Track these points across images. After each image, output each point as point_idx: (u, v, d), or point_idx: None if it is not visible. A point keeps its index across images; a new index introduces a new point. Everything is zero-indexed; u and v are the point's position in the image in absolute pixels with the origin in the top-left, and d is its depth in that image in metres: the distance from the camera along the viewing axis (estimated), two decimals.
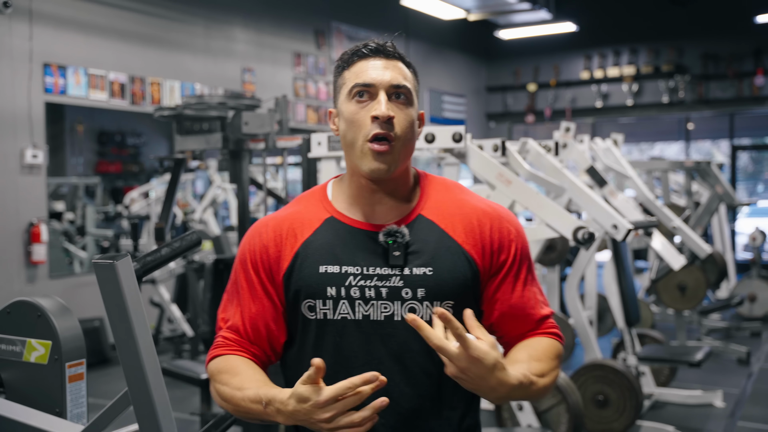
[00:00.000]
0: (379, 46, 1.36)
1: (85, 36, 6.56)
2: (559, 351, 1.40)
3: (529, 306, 1.39)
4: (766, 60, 10.72)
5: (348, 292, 1.33)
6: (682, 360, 4.31)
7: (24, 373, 1.88)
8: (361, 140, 1.31)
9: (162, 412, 1.67)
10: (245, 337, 1.41)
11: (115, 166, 10.35)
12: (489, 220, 1.38)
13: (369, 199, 1.38)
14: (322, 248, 1.36)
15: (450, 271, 1.33)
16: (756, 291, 7.34)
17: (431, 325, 1.24)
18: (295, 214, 1.42)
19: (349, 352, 1.34)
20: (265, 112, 3.60)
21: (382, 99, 1.31)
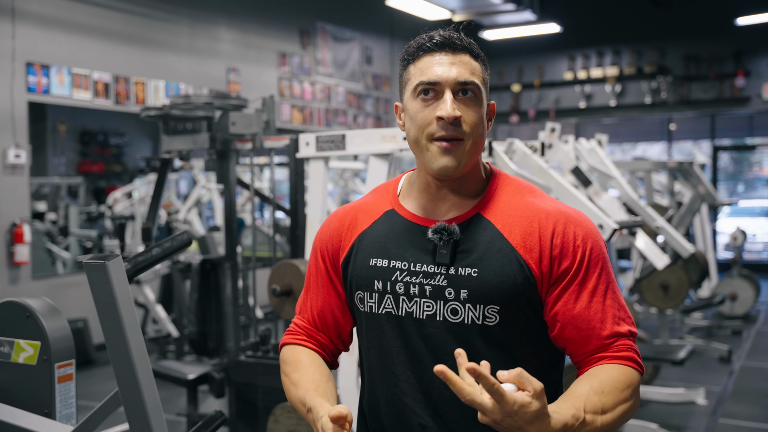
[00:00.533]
0: (445, 39, 1.29)
1: (69, 35, 6.52)
2: (631, 380, 1.23)
3: (596, 320, 1.25)
4: (746, 62, 10.84)
5: (393, 287, 1.31)
6: (666, 358, 4.36)
7: (12, 374, 1.87)
8: (425, 140, 1.27)
9: (153, 412, 1.68)
10: (313, 325, 1.43)
11: (98, 166, 10.27)
12: (552, 224, 1.27)
13: (434, 195, 1.33)
14: (376, 241, 1.35)
15: (497, 273, 1.25)
16: (737, 290, 7.42)
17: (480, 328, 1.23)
18: (363, 204, 1.42)
19: (391, 347, 1.32)
20: (252, 113, 3.60)
21: (448, 98, 1.25)
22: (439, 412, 1.29)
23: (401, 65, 1.35)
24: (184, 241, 1.80)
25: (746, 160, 16.84)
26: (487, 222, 1.30)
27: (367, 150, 2.80)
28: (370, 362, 1.38)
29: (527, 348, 1.31)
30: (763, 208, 12.21)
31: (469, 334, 1.27)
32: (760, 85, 10.72)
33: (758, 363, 5.93)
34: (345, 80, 10.07)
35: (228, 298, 3.75)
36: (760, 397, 5.00)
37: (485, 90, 1.31)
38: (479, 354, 1.25)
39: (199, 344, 3.74)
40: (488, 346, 1.26)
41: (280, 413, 2.94)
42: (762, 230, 11.75)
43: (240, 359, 3.42)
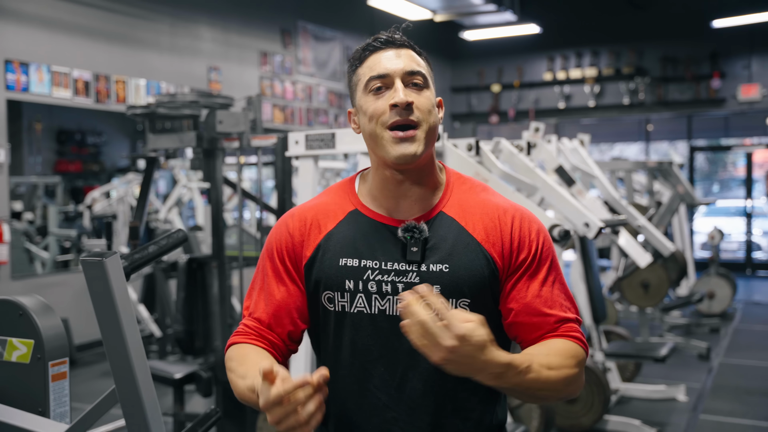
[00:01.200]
0: (388, 37, 1.36)
1: (49, 32, 6.44)
2: (576, 352, 1.30)
3: (546, 306, 1.33)
4: (722, 63, 11.00)
5: (365, 286, 1.33)
6: (648, 355, 4.42)
7: (5, 372, 1.85)
8: (380, 129, 1.31)
9: (150, 408, 1.68)
10: (266, 325, 1.40)
11: (75, 166, 10.17)
12: (510, 219, 1.35)
13: (394, 192, 1.36)
14: (344, 241, 1.37)
15: (466, 268, 1.31)
16: (714, 288, 7.53)
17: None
18: (321, 205, 1.42)
19: (364, 345, 1.34)
20: (239, 111, 3.59)
21: (399, 86, 1.30)
22: (413, 405, 1.32)
23: (350, 71, 1.40)
24: (179, 239, 1.80)
25: (721, 160, 17.08)
26: (451, 219, 1.35)
27: (357, 148, 2.81)
28: (338, 361, 1.38)
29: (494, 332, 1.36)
30: (738, 208, 12.39)
31: None
32: (735, 86, 10.89)
33: (736, 360, 6.02)
34: (326, 80, 10.07)
35: (215, 297, 3.74)
36: (739, 393, 5.08)
37: (432, 83, 1.37)
38: None
39: (185, 343, 3.73)
40: None
41: None
42: (737, 230, 11.92)
43: None
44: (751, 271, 11.56)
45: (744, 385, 5.29)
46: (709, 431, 4.36)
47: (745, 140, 12.71)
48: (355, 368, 1.35)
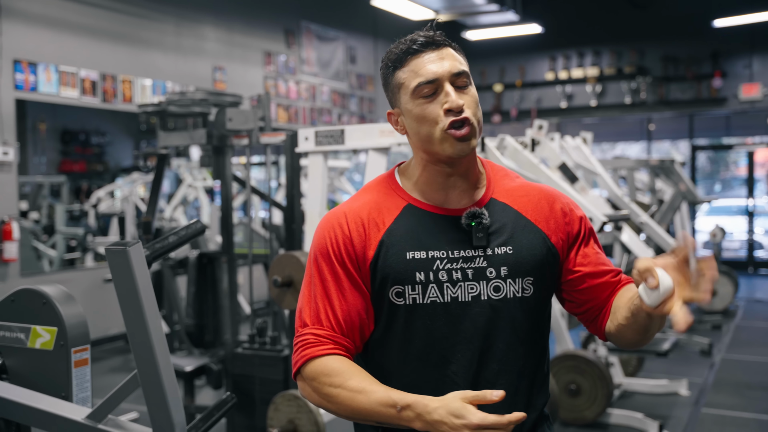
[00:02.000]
0: (428, 38, 1.38)
1: (56, 33, 6.52)
2: None
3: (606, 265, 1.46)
4: (723, 63, 11.05)
5: (436, 275, 1.36)
6: (651, 350, 4.47)
7: (28, 359, 1.91)
8: (439, 132, 1.34)
9: (170, 392, 1.74)
10: (339, 331, 1.38)
11: (79, 165, 10.23)
12: (552, 199, 1.46)
13: (443, 185, 1.41)
14: (407, 235, 1.38)
15: (528, 248, 1.39)
16: (716, 285, 7.58)
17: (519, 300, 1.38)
18: (371, 203, 1.43)
19: (440, 333, 1.37)
20: (248, 109, 3.65)
21: (450, 90, 1.34)
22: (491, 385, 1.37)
23: (387, 72, 1.41)
24: (198, 230, 1.86)
25: (723, 159, 17.13)
26: (504, 204, 1.43)
27: (366, 144, 2.87)
28: (409, 353, 1.39)
29: (546, 316, 1.48)
30: (740, 207, 12.44)
31: (512, 307, 1.38)
32: (736, 85, 10.94)
33: (738, 356, 6.07)
34: (329, 79, 10.13)
35: (224, 291, 3.80)
36: (740, 388, 5.14)
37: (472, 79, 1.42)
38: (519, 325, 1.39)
39: (196, 337, 3.79)
40: (526, 318, 1.40)
41: (280, 402, 3.00)
42: (739, 229, 11.97)
43: (237, 351, 3.47)
44: (753, 270, 11.62)
45: (745, 379, 5.35)
46: (710, 424, 4.42)
47: (747, 139, 12.76)
48: (432, 357, 1.38)
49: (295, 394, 3.00)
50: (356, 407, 1.31)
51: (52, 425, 1.78)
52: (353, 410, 1.32)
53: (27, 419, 1.82)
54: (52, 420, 1.78)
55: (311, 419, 2.91)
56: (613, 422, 4.35)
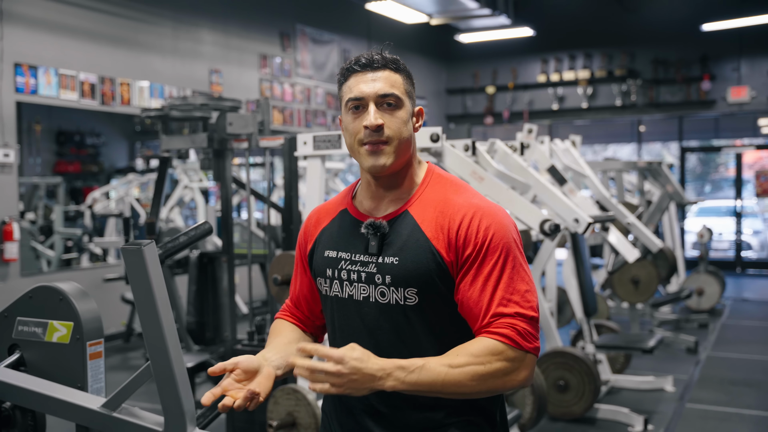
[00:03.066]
0: (367, 60, 1.53)
1: (56, 36, 6.62)
2: (492, 349, 1.38)
3: (484, 301, 1.42)
4: (712, 66, 11.23)
5: (339, 274, 1.57)
6: (637, 347, 4.61)
7: (46, 352, 2.03)
8: (357, 145, 1.51)
9: (181, 382, 1.86)
10: (295, 304, 1.74)
11: (74, 166, 10.31)
12: (461, 216, 1.47)
13: (374, 194, 1.58)
14: (330, 236, 1.62)
15: (413, 261, 1.47)
16: (703, 285, 7.74)
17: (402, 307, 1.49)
18: (327, 204, 1.70)
19: (340, 324, 1.59)
20: (248, 114, 3.77)
21: (372, 110, 1.49)
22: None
23: (338, 85, 1.59)
24: (206, 230, 1.98)
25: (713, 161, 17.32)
26: (411, 217, 1.53)
27: None
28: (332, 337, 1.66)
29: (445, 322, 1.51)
30: (729, 208, 12.62)
31: (395, 312, 1.51)
32: (724, 88, 11.11)
33: (723, 353, 6.23)
34: (324, 82, 10.25)
35: (224, 290, 3.92)
36: (723, 384, 5.29)
37: (408, 98, 1.54)
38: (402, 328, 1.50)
39: (196, 334, 3.91)
40: (409, 322, 1.50)
41: (279, 395, 3.12)
42: (728, 229, 12.15)
43: (236, 348, 3.59)
44: (741, 270, 11.80)
45: (729, 376, 5.50)
46: (694, 419, 4.57)
47: (736, 141, 12.94)
48: (338, 343, 1.58)
49: (294, 387, 3.12)
50: None
51: (69, 413, 1.90)
52: None
53: (45, 408, 1.94)
54: (70, 408, 1.90)
55: (309, 411, 3.04)
56: (600, 417, 4.49)
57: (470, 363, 1.37)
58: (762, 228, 12.98)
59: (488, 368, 1.37)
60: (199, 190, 7.97)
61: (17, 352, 2.03)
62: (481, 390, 1.39)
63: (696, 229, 8.39)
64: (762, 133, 12.48)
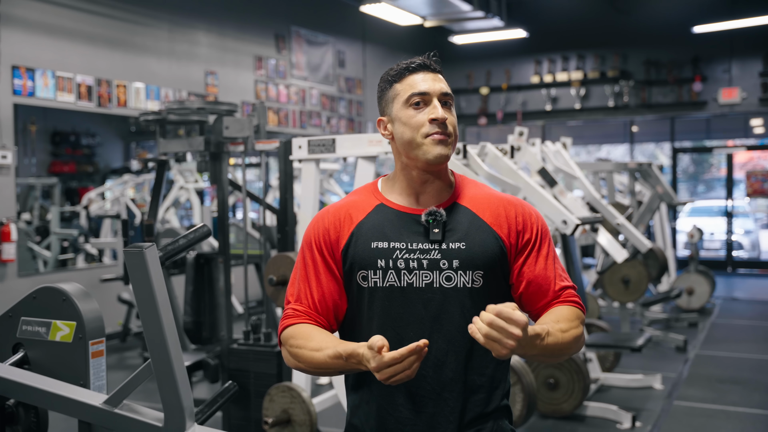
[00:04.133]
0: (425, 62, 1.64)
1: (53, 39, 6.68)
2: (578, 315, 1.60)
3: (550, 278, 1.62)
4: (703, 67, 11.34)
5: (395, 263, 1.59)
6: (625, 345, 4.70)
7: (49, 351, 2.11)
8: (420, 137, 1.58)
9: (181, 379, 1.94)
10: (314, 310, 1.65)
11: (69, 167, 10.34)
12: (513, 207, 1.64)
13: (417, 189, 1.64)
14: (374, 228, 1.63)
15: (480, 245, 1.59)
16: (693, 285, 7.84)
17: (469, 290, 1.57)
18: (351, 202, 1.70)
19: (396, 314, 1.60)
20: (244, 117, 3.85)
21: (438, 104, 1.59)
22: (438, 363, 1.60)
23: (385, 85, 1.67)
24: (204, 233, 2.05)
25: (706, 161, 17.44)
26: (464, 208, 1.64)
27: (356, 153, 3.08)
28: (371, 330, 1.64)
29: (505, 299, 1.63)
30: (721, 208, 12.74)
31: (461, 295, 1.59)
32: (716, 89, 11.22)
33: (711, 352, 6.33)
34: (319, 83, 10.33)
35: (221, 290, 3.99)
36: (711, 382, 5.38)
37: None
38: (468, 311, 1.57)
39: (193, 333, 3.98)
40: (474, 305, 1.57)
41: (275, 393, 3.20)
42: (719, 229, 12.26)
43: (233, 347, 3.67)
44: (732, 269, 11.91)
45: (717, 374, 5.60)
46: (681, 416, 4.66)
47: (727, 142, 13.06)
48: (389, 334, 1.59)
49: (288, 385, 3.20)
50: (315, 363, 1.57)
51: (72, 410, 1.97)
52: (314, 365, 1.58)
53: (49, 404, 2.01)
54: (72, 405, 1.97)
55: (304, 408, 3.12)
56: (589, 414, 4.58)
57: (571, 327, 1.55)
58: (753, 228, 13.09)
59: (580, 330, 1.57)
60: (195, 190, 8.03)
61: (21, 351, 2.10)
62: (575, 351, 1.58)
63: (687, 229, 8.49)
64: (753, 134, 12.61)
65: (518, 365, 4.08)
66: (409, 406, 1.61)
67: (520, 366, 4.08)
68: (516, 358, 4.15)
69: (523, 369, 4.08)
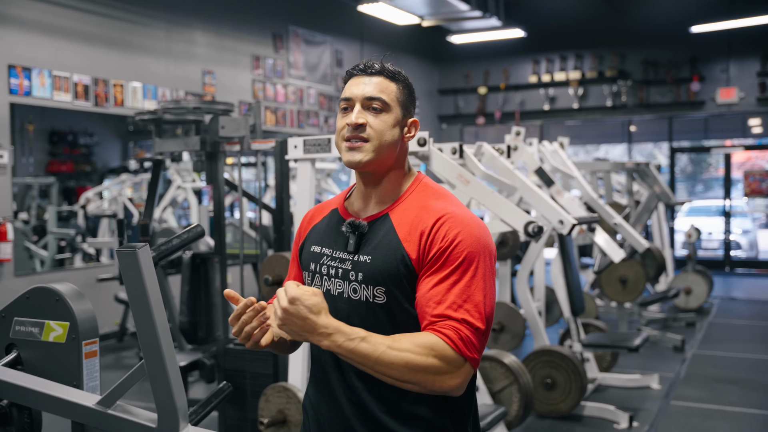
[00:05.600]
0: (365, 65, 1.63)
1: (50, 38, 6.67)
2: (433, 344, 1.41)
3: (433, 301, 1.46)
4: (701, 67, 11.34)
5: (320, 268, 1.65)
6: (623, 345, 4.70)
7: (42, 351, 2.09)
8: (339, 140, 1.61)
9: (174, 380, 1.93)
10: None
11: (67, 166, 10.32)
12: (433, 221, 1.52)
13: (363, 195, 1.66)
14: (318, 232, 1.71)
15: (383, 261, 1.53)
16: (691, 284, 7.84)
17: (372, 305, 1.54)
18: (323, 204, 1.80)
19: None
20: (240, 117, 3.84)
21: (356, 109, 1.58)
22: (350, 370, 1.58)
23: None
24: (198, 233, 2.05)
25: (704, 161, 17.46)
26: (390, 220, 1.60)
27: None
28: None
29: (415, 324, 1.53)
30: (719, 208, 12.74)
31: (365, 309, 1.56)
32: (714, 89, 11.22)
33: (709, 351, 6.32)
34: (316, 82, 10.31)
35: (217, 290, 3.98)
36: (709, 382, 5.38)
37: (399, 106, 1.61)
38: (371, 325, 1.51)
39: (189, 333, 3.98)
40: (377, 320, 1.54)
41: (270, 393, 3.19)
42: (717, 229, 12.26)
43: (229, 347, 3.66)
44: (729, 269, 11.91)
45: (714, 374, 5.60)
46: (678, 415, 4.65)
47: (725, 141, 13.06)
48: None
49: (284, 386, 3.19)
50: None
51: (65, 411, 1.96)
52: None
53: (42, 405, 2.00)
54: (65, 406, 1.96)
55: (300, 409, 3.11)
56: (586, 414, 4.57)
57: (409, 350, 1.40)
58: (751, 227, 13.10)
59: (423, 361, 1.40)
60: (192, 190, 8.02)
61: (14, 352, 2.09)
62: (409, 380, 1.41)
63: (685, 229, 8.49)
64: (751, 134, 12.61)
65: (515, 365, 4.08)
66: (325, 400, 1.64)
67: (516, 366, 4.07)
68: (513, 359, 4.15)
69: (520, 369, 4.08)
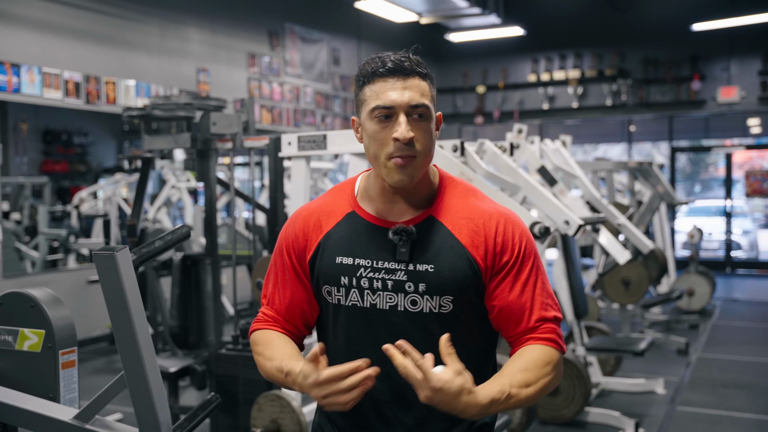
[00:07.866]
0: (396, 65, 1.42)
1: (40, 34, 6.52)
2: (550, 358, 1.43)
3: (525, 307, 1.44)
4: (701, 66, 11.22)
5: (358, 282, 1.47)
6: (627, 349, 4.56)
7: (16, 361, 1.96)
8: (384, 157, 1.42)
9: (156, 393, 1.79)
10: (282, 316, 1.58)
11: (61, 166, 10.20)
12: (495, 223, 1.45)
13: (390, 198, 1.48)
14: (341, 240, 1.50)
15: (450, 269, 1.43)
16: (694, 286, 7.72)
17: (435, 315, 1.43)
18: (323, 205, 1.56)
19: (357, 335, 1.49)
20: (232, 113, 3.70)
21: (403, 121, 1.39)
22: (401, 390, 1.46)
23: (357, 84, 1.48)
24: (183, 234, 1.90)
25: (703, 161, 17.35)
26: (439, 223, 1.47)
27: (347, 149, 2.93)
28: (336, 348, 1.53)
29: (474, 330, 1.50)
30: (719, 208, 12.63)
31: (427, 321, 1.45)
32: (714, 88, 11.11)
33: (714, 354, 6.20)
34: (313, 81, 10.18)
35: (208, 293, 3.84)
36: (715, 386, 5.25)
37: (433, 106, 1.45)
38: (434, 337, 1.39)
39: (180, 338, 3.84)
40: (442, 330, 1.41)
41: (263, 402, 3.05)
42: (718, 229, 12.15)
43: (221, 352, 3.52)
44: (730, 270, 11.80)
45: (720, 378, 5.46)
46: (685, 422, 4.52)
47: (725, 141, 12.95)
48: (351, 355, 1.46)
49: (278, 394, 3.05)
50: (266, 371, 1.53)
51: (40, 426, 1.82)
52: (266, 374, 1.54)
53: (15, 420, 1.86)
54: (40, 420, 1.82)
55: (294, 419, 2.97)
56: (590, 420, 4.44)
57: (540, 377, 1.41)
58: (751, 228, 12.99)
59: (550, 377, 1.43)
60: (187, 190, 7.88)
61: None
62: (541, 397, 1.44)
63: (686, 229, 8.37)
64: (752, 133, 12.50)
65: None
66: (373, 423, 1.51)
67: None
68: None
69: None
